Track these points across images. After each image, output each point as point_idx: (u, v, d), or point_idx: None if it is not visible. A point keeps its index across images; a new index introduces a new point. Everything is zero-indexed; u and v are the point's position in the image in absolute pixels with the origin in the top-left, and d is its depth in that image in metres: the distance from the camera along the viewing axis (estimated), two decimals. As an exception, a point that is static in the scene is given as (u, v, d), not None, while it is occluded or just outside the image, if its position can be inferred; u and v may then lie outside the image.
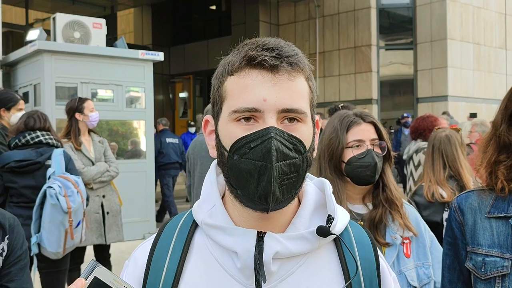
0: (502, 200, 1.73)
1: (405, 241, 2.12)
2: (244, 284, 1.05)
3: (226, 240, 1.07)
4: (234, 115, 1.02)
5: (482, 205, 1.77)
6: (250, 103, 1.01)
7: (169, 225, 1.16)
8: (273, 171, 0.97)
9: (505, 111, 1.74)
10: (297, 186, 1.03)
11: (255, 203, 1.01)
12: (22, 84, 8.47)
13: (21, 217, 3.89)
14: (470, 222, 1.77)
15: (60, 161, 4.00)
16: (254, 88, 1.01)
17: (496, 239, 1.69)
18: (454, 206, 1.84)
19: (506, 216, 1.69)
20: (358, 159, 2.09)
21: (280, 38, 1.08)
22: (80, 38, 8.02)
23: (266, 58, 1.01)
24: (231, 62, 1.06)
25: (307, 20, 15.69)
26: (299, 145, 1.02)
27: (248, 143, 0.99)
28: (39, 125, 4.05)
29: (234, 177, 1.03)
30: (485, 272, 1.69)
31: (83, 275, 0.85)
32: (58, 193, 3.80)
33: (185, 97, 20.44)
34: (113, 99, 8.26)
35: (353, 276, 1.07)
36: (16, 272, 1.87)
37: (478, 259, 1.71)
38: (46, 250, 3.86)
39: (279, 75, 1.01)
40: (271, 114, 1.00)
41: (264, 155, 0.98)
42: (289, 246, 1.05)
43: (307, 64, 1.08)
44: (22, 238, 1.93)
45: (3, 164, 3.88)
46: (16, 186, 3.93)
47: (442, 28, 13.95)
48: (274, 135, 0.98)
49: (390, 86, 15.12)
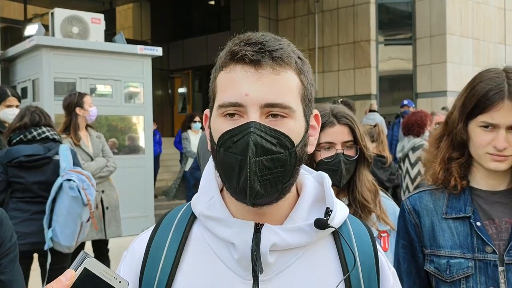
0: (456, 199, 1.71)
1: (382, 235, 2.13)
2: (242, 276, 1.05)
3: (224, 232, 1.07)
4: (220, 110, 1.03)
5: (437, 206, 1.74)
6: (233, 98, 1.01)
7: (168, 217, 1.17)
8: (250, 166, 0.97)
9: (463, 109, 1.70)
10: (284, 181, 1.02)
11: (237, 196, 1.02)
12: (20, 79, 8.46)
13: (27, 212, 3.89)
14: (428, 224, 1.74)
15: (68, 156, 4.02)
16: (237, 83, 1.02)
17: (457, 239, 1.68)
18: (407, 208, 1.80)
19: (464, 217, 1.68)
20: (326, 162, 2.07)
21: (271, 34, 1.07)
22: (79, 33, 8.00)
23: (247, 53, 1.01)
24: (221, 57, 1.07)
25: (306, 15, 15.66)
26: (285, 140, 1.01)
27: (231, 137, 1.00)
28: (44, 122, 4.05)
29: (221, 170, 1.04)
30: (450, 275, 1.67)
31: (72, 267, 0.86)
32: (78, 186, 3.83)
33: (184, 92, 20.43)
34: (112, 95, 8.26)
35: (351, 270, 1.07)
36: (6, 264, 1.88)
37: (442, 261, 1.69)
38: (60, 245, 3.85)
39: (261, 69, 1.01)
40: (253, 108, 1.00)
41: (243, 149, 0.98)
42: (286, 238, 1.05)
43: (297, 58, 1.06)
44: (11, 231, 1.94)
45: (12, 158, 3.85)
46: (23, 181, 3.90)
47: (442, 23, 13.93)
48: (254, 129, 0.98)
49: (389, 81, 15.11)
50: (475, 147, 1.67)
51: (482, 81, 1.67)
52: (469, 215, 1.67)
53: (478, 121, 1.65)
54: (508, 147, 1.60)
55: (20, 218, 3.84)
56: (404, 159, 5.96)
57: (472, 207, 1.69)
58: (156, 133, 13.14)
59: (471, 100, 1.67)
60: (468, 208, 1.69)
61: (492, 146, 1.62)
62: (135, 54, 8.41)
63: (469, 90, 1.70)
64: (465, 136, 1.70)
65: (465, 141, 1.71)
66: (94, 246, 5.09)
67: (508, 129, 1.61)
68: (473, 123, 1.67)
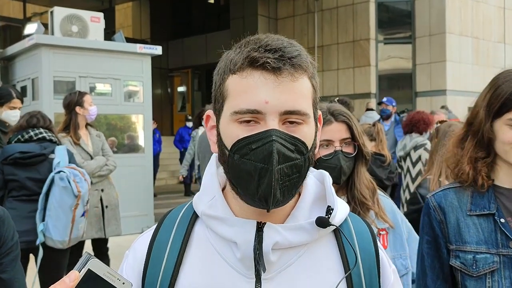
0: (480, 197, 1.78)
1: (381, 233, 2.13)
2: (244, 275, 1.06)
3: (226, 231, 1.07)
4: (235, 116, 1.02)
5: (461, 203, 1.81)
6: (252, 105, 1.00)
7: (169, 216, 1.17)
8: (274, 174, 0.97)
9: (488, 108, 1.76)
10: (298, 185, 1.04)
11: (255, 202, 1.02)
12: (20, 78, 8.45)
13: (22, 210, 3.90)
14: (453, 221, 1.80)
15: (64, 155, 4.04)
16: (256, 89, 1.00)
17: (482, 236, 1.75)
18: (433, 204, 1.85)
19: (489, 214, 1.75)
20: (325, 160, 2.08)
21: (279, 35, 1.07)
22: (78, 32, 7.99)
23: (269, 60, 1.00)
24: (233, 61, 1.04)
25: (305, 14, 15.66)
26: (301, 146, 1.02)
27: (249, 144, 0.99)
28: (42, 124, 4.07)
29: (235, 176, 1.03)
30: (477, 269, 1.73)
31: (76, 268, 0.86)
32: (68, 176, 3.83)
33: (183, 91, 20.44)
34: (111, 93, 8.25)
35: (352, 267, 1.07)
36: (8, 263, 1.88)
37: (468, 257, 1.75)
38: (52, 240, 3.85)
39: (281, 77, 1.00)
40: (272, 116, 1.00)
41: (265, 158, 0.97)
42: (288, 236, 1.06)
43: (310, 63, 1.06)
44: (13, 230, 1.94)
45: (7, 156, 3.88)
46: (18, 178, 3.92)
47: (441, 22, 13.93)
48: (276, 137, 0.98)
49: (388, 80, 15.11)
50: (503, 143, 1.74)
51: (507, 81, 1.74)
52: (493, 212, 1.75)
53: (505, 119, 1.72)
54: None
55: (15, 216, 3.85)
56: (406, 157, 5.95)
57: (495, 204, 1.76)
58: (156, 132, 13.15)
59: (497, 99, 1.74)
60: (492, 205, 1.76)
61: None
62: (134, 52, 8.40)
63: (494, 90, 1.76)
64: (492, 135, 1.77)
65: (491, 140, 1.78)
66: (94, 245, 5.10)
67: None
68: (500, 121, 1.74)
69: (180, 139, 13.62)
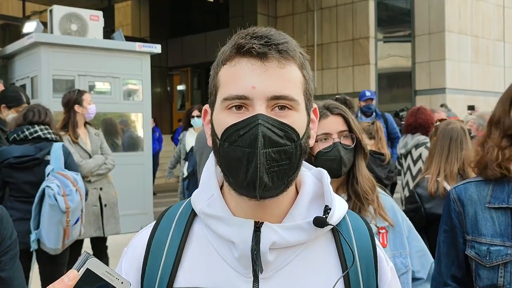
0: (501, 190, 1.81)
1: (381, 231, 2.13)
2: (242, 274, 1.06)
3: (224, 230, 1.07)
4: (225, 103, 1.03)
5: (481, 196, 1.85)
6: (239, 90, 1.01)
7: (168, 213, 1.17)
8: (259, 157, 0.97)
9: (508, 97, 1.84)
10: (289, 173, 1.03)
11: (245, 189, 1.02)
12: (19, 77, 8.44)
13: (21, 211, 3.91)
14: (471, 213, 1.85)
15: (59, 156, 3.98)
16: (243, 75, 1.01)
17: (498, 228, 1.79)
18: (453, 197, 1.91)
19: (507, 207, 1.79)
20: (325, 152, 2.09)
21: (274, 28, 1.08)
22: (77, 30, 7.98)
23: (254, 45, 1.01)
24: (224, 52, 1.07)
25: (305, 12, 15.65)
26: (291, 132, 1.01)
27: (237, 130, 1.00)
28: (38, 119, 4.01)
29: (225, 164, 1.04)
30: (490, 260, 1.79)
31: (75, 267, 0.86)
32: (57, 193, 3.78)
33: (183, 89, 20.44)
34: (110, 92, 8.24)
35: (350, 266, 1.07)
36: (6, 261, 1.88)
37: (482, 248, 1.81)
38: (46, 246, 3.86)
39: (268, 62, 1.01)
40: (260, 101, 1.00)
41: (252, 142, 0.98)
42: (286, 236, 1.06)
43: (299, 53, 1.07)
44: (11, 228, 1.94)
45: (2, 159, 3.86)
46: (15, 181, 3.92)
47: (440, 20, 13.94)
48: (262, 121, 0.98)
49: (388, 78, 15.12)
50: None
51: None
52: (511, 206, 1.78)
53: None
54: None
55: (14, 217, 3.84)
56: (407, 155, 5.96)
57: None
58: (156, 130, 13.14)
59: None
60: (511, 199, 1.79)
61: None
62: (133, 51, 8.39)
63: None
64: None
65: None
66: (93, 243, 5.09)
67: None
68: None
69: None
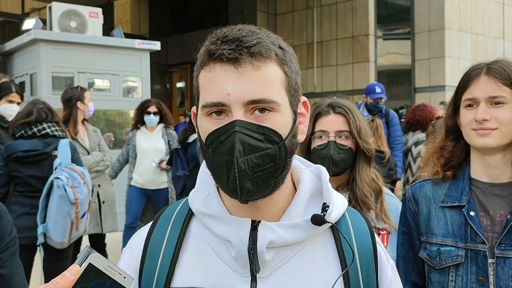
0: (456, 189, 1.74)
1: (381, 232, 2.11)
2: (240, 273, 1.05)
3: (221, 229, 1.06)
4: (204, 110, 1.02)
5: (436, 195, 1.77)
6: (216, 97, 1.00)
7: (165, 213, 1.16)
8: (237, 166, 0.96)
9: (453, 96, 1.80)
10: (275, 175, 1.02)
11: (230, 194, 1.02)
12: (18, 74, 8.44)
13: (26, 206, 3.92)
14: (425, 212, 1.77)
15: (67, 151, 4.03)
16: (218, 82, 1.00)
17: (450, 228, 1.70)
18: (408, 195, 1.84)
19: (459, 206, 1.70)
20: (318, 150, 2.09)
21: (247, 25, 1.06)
22: (77, 27, 7.97)
23: (225, 52, 0.99)
24: (200, 55, 1.05)
25: (304, 9, 15.62)
26: (272, 134, 1.00)
27: (218, 137, 0.99)
28: (50, 119, 4.08)
29: (211, 169, 1.04)
30: (439, 262, 1.69)
31: (77, 262, 0.85)
32: (66, 184, 3.81)
33: (182, 87, 20.40)
34: (110, 89, 8.24)
35: (349, 265, 1.06)
36: (6, 258, 1.87)
37: (433, 248, 1.71)
38: (52, 240, 3.87)
39: (241, 67, 0.99)
40: (236, 107, 0.99)
41: (229, 150, 0.97)
42: (283, 234, 1.05)
43: (277, 48, 1.03)
44: (11, 225, 1.93)
45: (10, 153, 3.88)
46: (22, 175, 3.93)
47: (440, 18, 13.91)
48: (239, 128, 0.97)
49: (387, 76, 15.10)
50: (463, 127, 1.72)
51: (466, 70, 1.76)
52: (463, 204, 1.69)
53: (462, 101, 1.72)
54: (490, 119, 1.63)
55: (19, 212, 3.87)
56: (407, 153, 5.98)
57: (468, 197, 1.70)
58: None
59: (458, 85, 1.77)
60: (464, 197, 1.70)
61: (474, 121, 1.66)
62: (133, 48, 8.39)
63: None
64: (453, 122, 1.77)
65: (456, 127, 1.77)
66: (91, 240, 5.09)
67: (490, 104, 1.65)
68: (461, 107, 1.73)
69: (179, 135, 13.64)
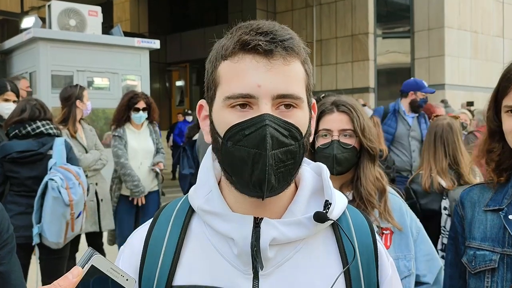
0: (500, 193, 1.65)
1: (384, 232, 2.08)
2: (242, 271, 1.04)
3: (223, 226, 1.06)
4: (228, 101, 1.00)
5: (481, 199, 1.70)
6: (244, 89, 0.98)
7: (165, 210, 1.15)
8: (267, 159, 0.95)
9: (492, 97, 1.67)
10: (293, 172, 1.02)
11: (250, 190, 1.00)
12: (17, 72, 8.43)
13: (22, 205, 3.91)
14: (469, 216, 1.70)
15: (62, 151, 4.00)
16: (248, 73, 0.98)
17: (489, 232, 1.63)
18: (458, 200, 1.78)
19: (499, 209, 1.63)
20: (322, 149, 2.08)
21: (276, 22, 1.05)
22: (76, 26, 7.97)
23: (260, 42, 0.98)
24: (225, 46, 1.03)
25: (304, 8, 15.62)
26: (295, 131, 1.00)
27: (242, 130, 0.97)
28: (43, 116, 4.04)
29: (228, 164, 1.02)
30: (474, 266, 1.63)
31: (79, 264, 0.84)
32: (60, 185, 3.78)
33: (181, 85, 20.41)
34: (109, 87, 8.24)
35: (350, 262, 1.06)
36: (4, 256, 1.87)
37: (471, 252, 1.65)
38: (47, 240, 3.86)
39: (273, 60, 0.98)
40: (265, 100, 0.98)
41: (259, 143, 0.96)
42: (286, 232, 1.04)
43: (303, 48, 1.05)
44: (8, 222, 1.93)
45: (5, 154, 3.86)
46: (17, 176, 3.92)
47: (440, 16, 13.91)
48: (269, 122, 0.96)
49: (387, 74, 15.10)
50: (506, 134, 1.62)
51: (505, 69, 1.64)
52: (502, 207, 1.62)
53: (503, 106, 1.61)
54: None
55: (15, 211, 3.86)
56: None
57: (509, 200, 1.62)
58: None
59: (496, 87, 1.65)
60: (505, 201, 1.63)
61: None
62: (132, 46, 8.39)
63: None
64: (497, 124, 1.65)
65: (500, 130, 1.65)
66: (89, 239, 5.06)
67: None
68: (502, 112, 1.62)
69: (179, 133, 13.67)
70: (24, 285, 2.01)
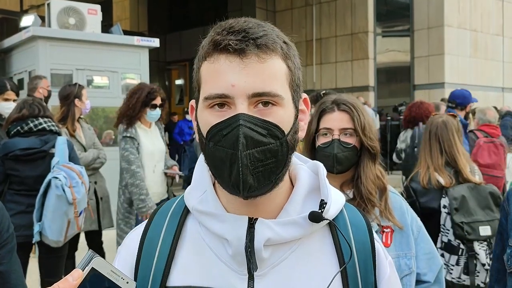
0: None
1: (385, 230, 2.08)
2: (237, 271, 1.04)
3: (217, 227, 1.05)
4: (206, 102, 1.00)
5: None
6: (219, 89, 0.98)
7: (161, 210, 1.15)
8: (241, 160, 0.94)
9: None
10: (277, 171, 1.00)
11: (230, 190, 1.00)
12: (17, 71, 8.43)
13: (22, 204, 3.90)
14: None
15: (64, 149, 4.00)
16: (222, 73, 0.98)
17: None
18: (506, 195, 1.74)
19: None
20: (322, 148, 2.08)
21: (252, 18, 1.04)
22: (75, 24, 7.96)
23: (231, 42, 0.97)
24: (203, 46, 1.04)
25: (303, 6, 15.61)
26: (275, 129, 0.98)
27: (220, 130, 0.97)
28: (43, 113, 4.04)
29: (211, 164, 1.02)
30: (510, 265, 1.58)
31: (79, 266, 0.84)
32: (64, 184, 3.79)
33: (181, 84, 20.40)
34: (108, 86, 8.24)
35: (347, 261, 1.05)
36: (4, 255, 1.87)
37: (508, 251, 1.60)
38: (48, 238, 3.85)
39: (246, 58, 0.97)
40: (241, 99, 0.97)
41: (233, 143, 0.95)
42: (280, 232, 1.03)
43: (282, 43, 1.02)
44: (8, 222, 1.93)
45: (8, 151, 3.85)
46: (19, 174, 3.90)
47: (439, 14, 13.90)
48: (243, 122, 0.95)
49: (387, 73, 15.10)
50: None
51: None
52: None
53: None
54: None
55: (15, 210, 3.85)
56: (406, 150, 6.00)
57: None
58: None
59: None
60: None
61: None
62: (132, 45, 8.38)
63: None
64: None
65: None
66: (88, 238, 5.06)
67: None
68: None
69: (179, 132, 13.69)
70: (25, 285, 2.00)
